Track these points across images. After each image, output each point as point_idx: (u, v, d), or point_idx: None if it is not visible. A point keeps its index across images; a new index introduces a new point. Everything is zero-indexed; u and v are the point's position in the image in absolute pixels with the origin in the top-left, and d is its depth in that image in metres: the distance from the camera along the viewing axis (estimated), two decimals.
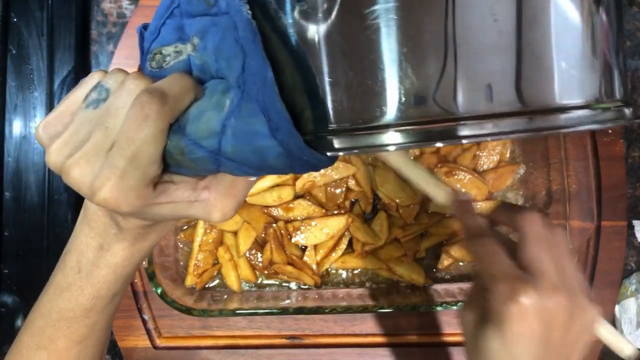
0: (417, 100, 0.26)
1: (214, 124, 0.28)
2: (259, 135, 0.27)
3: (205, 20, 0.29)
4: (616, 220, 0.67)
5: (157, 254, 0.60)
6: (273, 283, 0.67)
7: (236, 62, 0.27)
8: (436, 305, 0.60)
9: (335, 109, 0.27)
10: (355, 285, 0.67)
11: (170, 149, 0.29)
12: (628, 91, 0.31)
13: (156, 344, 0.67)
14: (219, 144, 0.28)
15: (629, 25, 0.72)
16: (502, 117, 0.26)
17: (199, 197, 0.31)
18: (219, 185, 0.32)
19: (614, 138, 0.69)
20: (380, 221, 0.66)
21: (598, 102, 0.28)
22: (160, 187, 0.30)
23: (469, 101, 0.26)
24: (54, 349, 0.38)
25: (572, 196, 0.60)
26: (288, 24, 0.27)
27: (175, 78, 0.29)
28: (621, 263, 0.67)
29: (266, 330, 0.67)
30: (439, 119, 0.26)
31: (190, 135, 0.28)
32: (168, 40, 0.31)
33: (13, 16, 0.68)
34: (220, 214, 0.32)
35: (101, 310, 0.38)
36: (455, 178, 0.65)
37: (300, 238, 0.65)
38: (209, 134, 0.28)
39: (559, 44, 0.26)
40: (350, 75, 0.26)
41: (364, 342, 0.67)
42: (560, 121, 0.26)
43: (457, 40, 0.25)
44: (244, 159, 0.28)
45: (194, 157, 0.29)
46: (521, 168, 0.68)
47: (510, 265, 0.37)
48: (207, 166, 0.29)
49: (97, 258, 0.36)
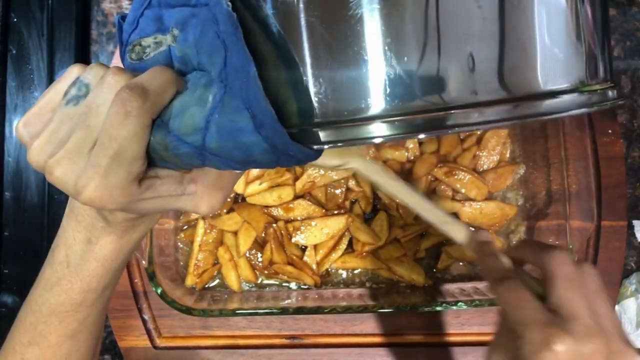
0: (402, 90, 0.25)
1: (197, 119, 0.27)
2: (244, 132, 0.26)
3: (184, 11, 0.28)
4: (616, 220, 0.67)
5: (157, 254, 0.60)
6: (273, 283, 0.67)
7: (218, 57, 0.27)
8: (436, 305, 0.60)
9: (320, 101, 0.26)
10: (355, 285, 0.67)
11: (154, 144, 0.28)
12: (612, 73, 0.31)
13: (156, 344, 0.66)
14: (203, 140, 0.27)
15: (629, 25, 0.72)
16: (488, 105, 0.25)
17: (185, 191, 0.31)
18: (206, 178, 0.31)
19: (614, 138, 0.69)
20: (380, 221, 0.66)
21: (583, 85, 0.28)
22: (145, 183, 0.30)
23: (454, 90, 0.25)
24: (46, 345, 0.38)
25: (572, 196, 0.60)
26: (270, 14, 0.26)
27: (156, 72, 0.28)
28: (621, 263, 0.67)
29: (266, 330, 0.67)
30: (424, 109, 0.25)
31: (174, 131, 0.28)
32: (147, 31, 0.30)
33: (13, 16, 0.68)
34: (208, 207, 0.31)
35: (92, 303, 0.38)
36: (455, 178, 0.65)
37: (300, 238, 0.65)
38: (193, 129, 0.27)
39: (542, 29, 0.26)
40: (334, 66, 0.26)
41: (364, 342, 0.67)
42: (546, 107, 0.26)
43: (441, 28, 0.25)
44: (229, 154, 0.27)
45: (178, 153, 0.28)
46: (521, 168, 0.68)
47: (541, 310, 0.36)
48: (192, 161, 0.29)
49: (85, 252, 0.35)
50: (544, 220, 0.65)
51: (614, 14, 0.72)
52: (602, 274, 0.66)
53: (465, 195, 0.66)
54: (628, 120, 0.71)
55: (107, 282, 0.38)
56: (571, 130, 0.61)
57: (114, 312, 0.67)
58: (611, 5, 0.73)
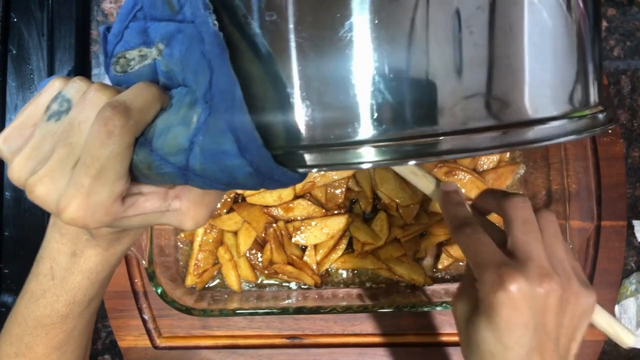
0: (391, 116, 0.25)
1: (181, 140, 0.26)
2: (228, 155, 0.26)
3: (170, 25, 0.28)
4: (616, 220, 0.67)
5: (157, 254, 0.60)
6: (273, 283, 0.67)
7: (203, 77, 0.26)
8: (436, 305, 0.60)
9: (307, 124, 0.26)
10: (355, 285, 0.67)
11: (137, 163, 0.28)
12: (603, 97, 0.31)
13: (156, 344, 0.67)
14: (187, 160, 0.27)
15: (629, 25, 0.72)
16: (477, 132, 0.25)
17: (170, 207, 0.31)
18: (190, 194, 0.31)
19: (614, 138, 0.69)
20: (380, 221, 0.66)
21: (573, 112, 0.27)
22: (129, 200, 0.29)
23: (443, 117, 0.25)
24: (33, 356, 0.38)
25: (572, 196, 0.60)
26: (258, 33, 0.25)
27: (140, 88, 0.28)
28: (621, 263, 0.67)
29: (266, 330, 0.67)
30: (413, 135, 0.25)
31: (157, 151, 0.27)
32: (132, 44, 0.30)
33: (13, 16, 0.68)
34: (192, 223, 0.31)
35: (78, 315, 0.38)
36: (455, 178, 0.65)
37: (300, 238, 0.65)
38: (176, 150, 0.27)
39: (533, 56, 0.26)
40: (322, 89, 0.25)
41: (364, 342, 0.67)
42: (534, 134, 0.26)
43: (432, 54, 0.24)
44: (212, 176, 0.27)
45: (161, 172, 0.28)
46: (521, 168, 0.68)
47: (497, 253, 0.36)
48: (175, 180, 0.28)
49: (70, 264, 0.35)
50: None
51: (614, 14, 0.72)
52: (601, 274, 0.66)
53: (465, 195, 0.66)
54: (628, 120, 0.71)
55: (94, 294, 0.37)
56: None
57: (114, 312, 0.67)
58: (611, 5, 0.73)
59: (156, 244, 0.60)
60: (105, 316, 0.67)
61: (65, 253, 0.35)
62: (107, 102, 0.27)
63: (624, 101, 0.71)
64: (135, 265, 0.67)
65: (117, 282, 0.66)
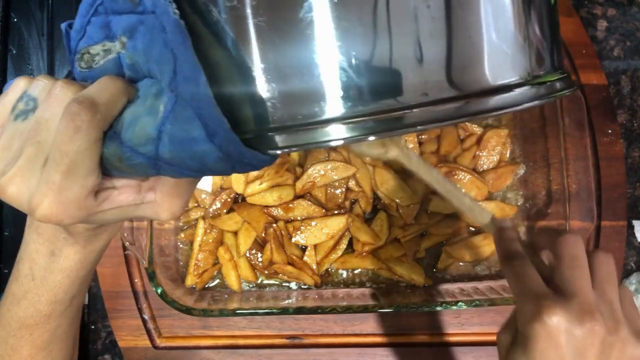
0: (354, 93, 0.25)
1: (149, 130, 0.27)
2: (196, 141, 0.26)
3: (132, 18, 0.28)
4: (616, 220, 0.67)
5: (157, 254, 0.60)
6: (273, 283, 0.67)
7: (167, 66, 0.26)
8: (436, 305, 0.60)
9: (274, 106, 0.26)
10: (355, 285, 0.67)
11: (108, 156, 0.28)
12: (562, 62, 0.31)
13: (156, 344, 0.67)
14: (157, 150, 0.27)
15: (629, 25, 0.72)
16: (440, 103, 0.26)
17: (144, 199, 0.31)
18: (164, 185, 0.31)
19: (614, 138, 0.69)
20: (380, 221, 0.66)
21: (533, 78, 0.28)
22: (102, 195, 0.29)
23: (406, 91, 0.25)
24: (18, 358, 0.38)
25: (572, 196, 0.60)
26: (219, 19, 0.26)
27: (105, 82, 0.28)
28: (621, 263, 0.67)
29: (266, 330, 0.67)
30: (378, 110, 0.26)
31: (126, 142, 0.27)
32: (95, 39, 0.29)
33: (13, 16, 0.68)
34: (168, 214, 0.31)
35: (61, 314, 0.38)
36: (455, 178, 0.65)
37: (300, 238, 0.65)
38: (145, 140, 0.27)
39: (489, 25, 0.26)
40: (286, 71, 0.25)
41: (364, 342, 0.67)
42: (496, 102, 0.26)
43: (392, 30, 0.25)
44: (183, 163, 0.27)
45: (133, 164, 0.28)
46: (521, 168, 0.68)
47: (541, 286, 0.36)
48: (147, 171, 0.28)
49: (49, 264, 0.35)
50: (544, 220, 0.65)
51: (614, 14, 0.72)
52: None
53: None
54: (628, 120, 0.71)
55: (75, 292, 0.37)
56: (571, 130, 0.61)
57: (114, 312, 0.67)
58: (611, 5, 0.73)
59: (156, 244, 0.60)
60: (105, 316, 0.67)
61: (44, 253, 0.35)
62: (73, 98, 0.27)
63: (623, 101, 0.71)
64: (135, 265, 0.67)
65: (117, 282, 0.67)
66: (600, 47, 0.72)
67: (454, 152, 0.67)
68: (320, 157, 0.65)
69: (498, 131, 0.67)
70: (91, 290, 0.69)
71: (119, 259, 0.67)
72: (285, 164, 0.65)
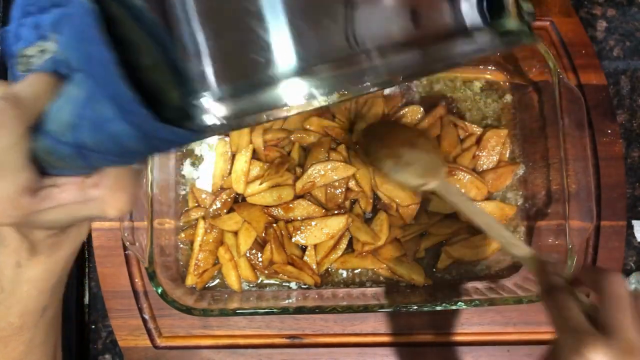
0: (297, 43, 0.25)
1: (68, 117, 0.27)
2: (111, 122, 0.26)
3: (56, 12, 0.28)
4: (615, 220, 0.68)
5: (157, 254, 0.60)
6: (273, 283, 0.67)
7: (82, 52, 0.26)
8: (436, 305, 0.60)
9: (195, 77, 0.26)
10: (355, 285, 0.67)
11: (37, 151, 0.28)
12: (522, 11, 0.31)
13: (156, 344, 0.67)
14: (77, 137, 0.27)
15: (629, 26, 0.72)
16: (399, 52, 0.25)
17: (88, 196, 0.30)
18: (107, 179, 0.30)
19: (614, 138, 0.69)
20: (380, 221, 0.66)
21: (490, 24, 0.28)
22: (42, 193, 0.29)
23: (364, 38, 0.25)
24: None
25: (571, 196, 0.60)
26: (132, 2, 0.26)
27: (31, 79, 0.28)
28: (620, 263, 0.67)
29: (266, 330, 0.67)
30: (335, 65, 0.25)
31: (50, 133, 0.27)
32: (30, 40, 0.30)
33: None
34: (114, 210, 0.30)
35: (34, 325, 0.37)
36: (455, 178, 0.65)
37: (300, 238, 0.65)
38: (66, 128, 0.27)
39: None
40: (201, 41, 0.25)
41: (364, 341, 0.67)
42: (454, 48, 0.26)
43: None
44: (105, 148, 0.27)
45: (61, 156, 0.28)
46: (521, 168, 0.69)
47: (583, 321, 0.35)
48: (77, 162, 0.28)
49: (16, 275, 0.35)
50: (544, 220, 0.65)
51: (614, 14, 0.73)
52: None
53: None
54: (627, 121, 0.71)
55: (45, 302, 0.37)
56: (571, 131, 0.61)
57: (114, 311, 0.67)
58: (611, 5, 0.73)
59: (156, 243, 0.60)
60: (105, 316, 0.67)
61: (10, 264, 0.35)
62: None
63: (623, 101, 0.72)
64: (135, 265, 0.67)
65: (118, 282, 0.67)
66: (599, 47, 0.72)
67: (454, 152, 0.67)
68: (320, 157, 0.65)
69: (498, 131, 0.67)
70: (92, 290, 0.69)
71: (120, 258, 0.67)
72: (285, 163, 0.65)
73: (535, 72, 0.64)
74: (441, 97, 0.69)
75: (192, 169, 0.69)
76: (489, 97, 0.70)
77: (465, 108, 0.70)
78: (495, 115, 0.70)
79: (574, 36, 0.70)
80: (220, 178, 0.67)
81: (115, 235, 0.67)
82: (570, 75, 0.69)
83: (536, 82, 0.65)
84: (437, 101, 0.69)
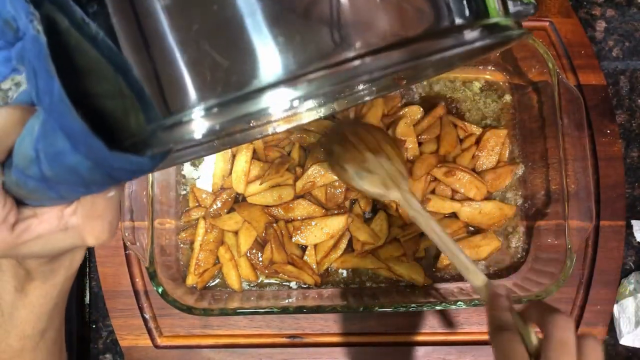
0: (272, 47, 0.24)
1: (28, 151, 0.26)
2: (64, 153, 0.25)
3: (19, 45, 0.27)
4: (615, 220, 0.68)
5: (158, 254, 0.60)
6: (273, 282, 0.67)
7: (33, 84, 0.26)
8: (436, 305, 0.60)
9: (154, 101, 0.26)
10: (355, 285, 0.67)
11: (9, 184, 0.28)
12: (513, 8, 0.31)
13: (157, 343, 0.67)
14: (40, 170, 0.26)
15: (628, 26, 0.73)
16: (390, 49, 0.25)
17: (68, 225, 0.30)
18: (82, 207, 0.30)
19: (613, 138, 0.69)
20: (380, 221, 0.66)
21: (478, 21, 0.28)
22: (21, 225, 0.29)
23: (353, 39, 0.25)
24: None
25: (570, 196, 0.60)
26: (88, 28, 0.26)
27: (0, 113, 0.28)
28: (619, 262, 0.68)
29: (267, 330, 0.67)
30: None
31: (17, 167, 0.27)
32: (4, 74, 0.30)
33: None
34: (92, 238, 0.30)
35: (33, 349, 0.38)
36: (455, 178, 0.65)
37: (300, 238, 0.65)
38: (28, 162, 0.27)
39: None
40: (159, 68, 0.25)
41: (364, 341, 0.67)
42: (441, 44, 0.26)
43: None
44: (66, 179, 0.26)
45: (29, 189, 0.28)
46: (520, 168, 0.69)
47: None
48: (46, 194, 0.28)
49: (14, 300, 0.35)
50: (543, 220, 0.65)
51: (613, 15, 0.73)
52: (600, 273, 0.67)
53: (465, 195, 0.66)
54: (627, 121, 0.72)
55: (43, 326, 0.37)
56: (570, 131, 0.61)
57: (115, 311, 0.67)
58: (610, 5, 0.73)
59: (157, 243, 0.60)
60: (106, 315, 0.68)
61: (9, 290, 0.35)
62: None
63: (622, 101, 0.72)
64: (136, 264, 0.67)
65: (119, 282, 0.67)
66: (599, 47, 0.72)
67: (454, 152, 0.67)
68: (320, 157, 0.65)
69: (497, 131, 0.67)
70: (92, 290, 0.70)
71: (120, 258, 0.67)
72: (285, 163, 0.65)
73: (535, 73, 0.64)
74: (441, 98, 0.70)
75: (193, 169, 0.69)
76: (489, 98, 0.70)
77: (464, 108, 0.70)
78: (494, 116, 0.70)
79: (573, 36, 0.70)
80: (220, 178, 0.68)
81: (116, 235, 0.67)
82: (569, 75, 0.70)
83: (535, 83, 0.65)
84: (437, 101, 0.69)
